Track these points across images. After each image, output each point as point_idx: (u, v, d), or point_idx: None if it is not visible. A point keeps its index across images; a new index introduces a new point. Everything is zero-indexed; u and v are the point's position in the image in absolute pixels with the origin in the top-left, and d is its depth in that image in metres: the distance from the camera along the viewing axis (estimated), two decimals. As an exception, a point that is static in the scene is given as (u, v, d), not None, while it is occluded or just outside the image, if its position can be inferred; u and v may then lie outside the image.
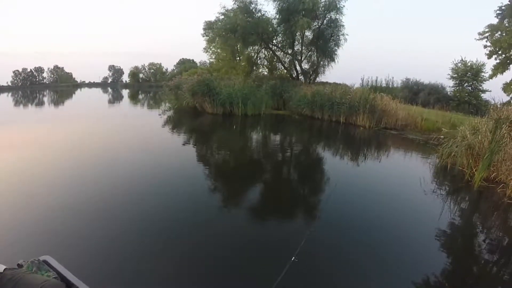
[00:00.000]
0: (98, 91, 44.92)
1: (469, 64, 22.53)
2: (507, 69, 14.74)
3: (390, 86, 19.40)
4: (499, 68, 14.95)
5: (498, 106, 10.16)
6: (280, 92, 17.14)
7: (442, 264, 4.46)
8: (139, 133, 12.55)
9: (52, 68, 54.10)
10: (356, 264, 4.36)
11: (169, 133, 12.68)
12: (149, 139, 11.27)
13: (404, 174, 9.41)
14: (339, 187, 7.50)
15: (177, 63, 41.48)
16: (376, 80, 20.18)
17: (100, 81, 53.43)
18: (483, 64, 21.86)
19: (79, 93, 40.18)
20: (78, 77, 56.87)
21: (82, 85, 55.70)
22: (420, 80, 22.54)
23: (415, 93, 20.31)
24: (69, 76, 56.09)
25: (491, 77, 15.44)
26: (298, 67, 21.35)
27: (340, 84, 17.74)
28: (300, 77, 21.38)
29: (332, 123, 15.48)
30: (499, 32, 16.53)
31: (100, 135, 11.78)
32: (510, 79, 14.72)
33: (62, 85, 52.83)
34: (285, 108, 17.44)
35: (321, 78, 21.84)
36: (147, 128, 13.88)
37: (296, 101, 16.30)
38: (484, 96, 23.63)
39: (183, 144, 10.34)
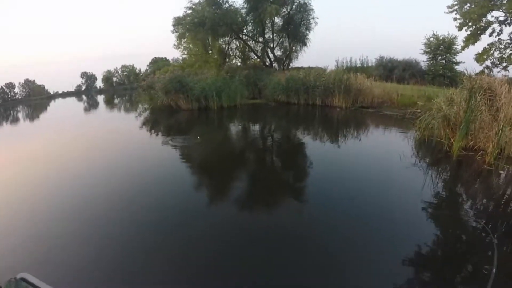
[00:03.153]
0: (72, 100, 43.54)
1: (441, 38, 22.73)
2: (479, 39, 14.92)
3: (365, 65, 19.37)
4: (471, 39, 15.12)
5: (471, 76, 10.27)
6: (254, 81, 16.88)
7: (429, 233, 4.49)
8: (117, 137, 12.09)
9: (23, 82, 52.06)
10: (347, 237, 4.43)
11: (147, 134, 12.27)
12: (128, 142, 10.91)
13: (385, 150, 9.42)
14: (322, 168, 7.58)
15: (150, 63, 40.58)
16: (351, 61, 20.16)
17: (73, 90, 51.73)
18: (455, 37, 22.06)
19: (53, 105, 38.84)
20: (51, 88, 54.91)
21: (56, 96, 53.73)
22: (394, 57, 22.60)
23: (390, 70, 20.30)
24: (41, 88, 54.07)
25: (463, 48, 15.63)
26: (270, 55, 21.17)
27: (314, 67, 17.54)
28: (273, 65, 21.20)
29: (308, 107, 15.40)
30: (468, 4, 16.64)
31: (78, 144, 11.27)
32: (482, 49, 14.80)
33: (35, 99, 50.87)
34: (261, 96, 17.22)
35: (295, 63, 21.74)
36: (125, 132, 13.36)
37: (271, 89, 16.10)
38: (458, 68, 23.96)
39: (162, 144, 9.97)
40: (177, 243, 4.38)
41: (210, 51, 20.59)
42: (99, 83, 45.04)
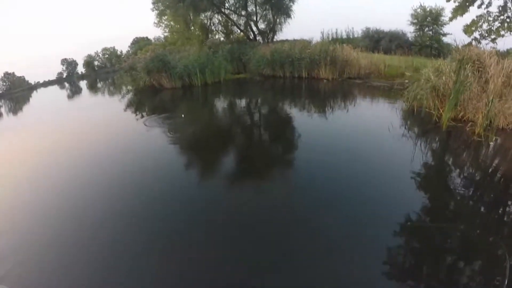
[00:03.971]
0: (54, 89, 42.14)
1: (428, 9, 22.55)
2: (467, 11, 14.58)
3: (351, 36, 18.98)
4: (459, 11, 14.72)
5: (460, 47, 10.12)
6: (239, 55, 16.38)
7: (420, 203, 4.48)
8: (101, 122, 11.52)
9: (3, 75, 49.97)
10: (336, 208, 4.41)
11: (132, 116, 11.70)
12: (111, 126, 10.47)
13: (373, 121, 9.29)
14: (311, 141, 7.38)
15: (132, 43, 39.25)
16: (336, 32, 19.73)
17: (55, 78, 49.94)
18: (442, 9, 21.95)
19: (36, 96, 37.52)
20: (32, 78, 52.81)
21: (37, 86, 51.76)
22: (380, 28, 22.30)
23: (377, 41, 20.08)
24: (21, 80, 51.98)
25: (451, 19, 15.21)
26: (254, 28, 20.41)
27: (299, 40, 17.09)
28: (257, 38, 20.55)
29: (294, 79, 15.10)
30: (456, -25, 16.23)
31: (64, 130, 10.79)
32: (470, 20, 14.55)
33: (16, 91, 48.92)
34: (246, 71, 16.79)
35: (279, 36, 21.09)
36: (108, 116, 12.84)
37: (256, 62, 15.67)
38: (445, 39, 23.95)
39: (149, 124, 9.53)
40: (163, 222, 4.29)
41: (192, 28, 19.87)
42: (80, 69, 43.47)
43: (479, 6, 14.53)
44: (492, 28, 14.33)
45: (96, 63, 40.17)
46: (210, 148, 7.50)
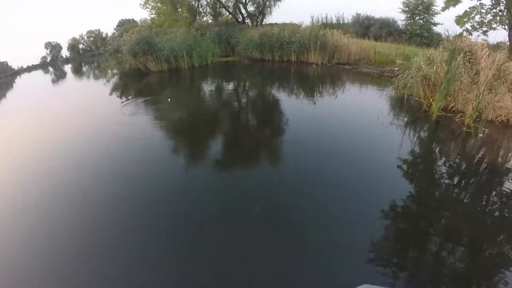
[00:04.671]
0: (39, 73, 40.72)
1: None
2: (460, 2, 14.55)
3: (341, 22, 18.69)
4: (452, 1, 14.71)
5: (451, 38, 10.11)
6: (227, 38, 15.98)
7: (406, 189, 4.57)
8: (86, 106, 10.84)
9: (-16, 62, 47.97)
10: (322, 192, 4.43)
11: (117, 100, 11.06)
12: (99, 110, 9.91)
13: (362, 107, 9.25)
14: (298, 126, 7.37)
15: (117, 26, 37.89)
16: (326, 17, 19.39)
17: (39, 62, 48.20)
18: None
19: (19, 82, 36.22)
20: (15, 64, 50.82)
21: (21, 71, 49.91)
22: (370, 14, 22.07)
23: (367, 27, 19.90)
24: (4, 65, 50.00)
25: (443, 9, 15.20)
26: (243, 10, 19.88)
27: (288, 24, 16.75)
28: (246, 21, 20.02)
29: (283, 63, 14.89)
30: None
31: (47, 116, 10.15)
32: (463, 12, 14.57)
33: None
34: (234, 54, 16.42)
35: (269, 19, 20.64)
36: (95, 100, 12.12)
37: (244, 46, 15.33)
38: (436, 28, 23.95)
39: (134, 109, 9.14)
40: (153, 206, 4.25)
41: (179, 9, 19.23)
42: (65, 52, 41.94)
43: None
44: (484, 20, 14.32)
45: (81, 46, 38.77)
46: (197, 132, 7.32)
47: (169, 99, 10.09)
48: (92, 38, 38.16)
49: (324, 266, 3.15)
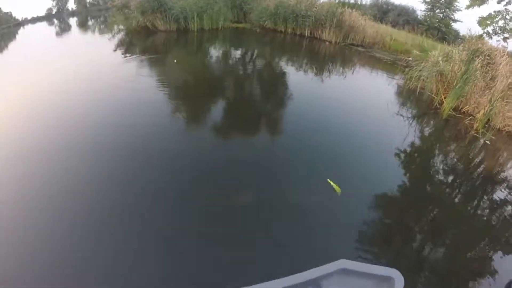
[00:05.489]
0: (43, 25, 39.63)
1: None
2: (486, 3, 14.10)
3: (359, 2, 18.05)
4: (477, 1, 14.26)
5: (472, 38, 9.96)
6: (240, 3, 15.34)
7: (398, 180, 4.63)
8: (90, 62, 10.17)
9: (-14, 11, 46.44)
10: (318, 173, 4.33)
11: (121, 58, 10.40)
12: (100, 67, 9.27)
13: (371, 93, 9.11)
14: (303, 103, 7.17)
15: (128, -20, 37.02)
16: (345, -5, 18.68)
17: (44, 14, 46.90)
18: None
19: (22, 32, 35.17)
20: (19, 15, 49.33)
21: (25, 22, 48.60)
22: (390, 0, 21.46)
23: (384, 12, 19.40)
24: (8, 16, 48.58)
25: (468, 7, 14.79)
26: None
27: (306, -4, 16.13)
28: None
29: (296, 37, 14.43)
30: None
31: (47, 70, 9.43)
32: (487, 14, 14.14)
33: (2, 27, 45.69)
34: (246, 21, 15.83)
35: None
36: (98, 56, 11.53)
37: (258, 13, 14.74)
38: (454, 25, 23.42)
39: (138, 68, 8.75)
40: (152, 170, 4.10)
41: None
42: (71, 5, 40.74)
43: (499, 2, 14.07)
44: (507, 26, 13.95)
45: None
46: (199, 97, 7.08)
47: (175, 61, 9.73)
48: (100, -8, 36.94)
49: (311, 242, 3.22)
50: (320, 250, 3.03)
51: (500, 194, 4.86)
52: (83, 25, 30.49)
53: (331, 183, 4.02)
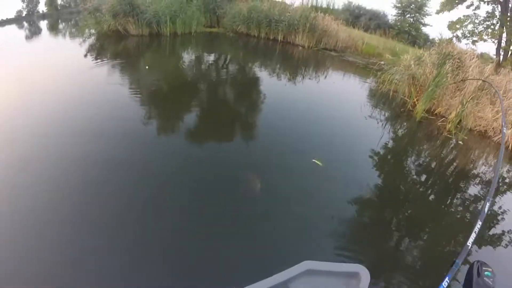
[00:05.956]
0: (12, 28, 37.96)
1: None
2: (456, 8, 14.85)
3: (331, 7, 18.43)
4: (447, 6, 15.05)
5: (442, 42, 10.35)
6: (214, 7, 15.25)
7: (376, 182, 4.75)
8: (59, 68, 9.65)
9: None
10: (292, 176, 4.36)
11: (91, 63, 9.90)
12: (71, 74, 8.68)
13: (344, 97, 9.26)
14: (276, 107, 7.19)
15: (100, -16, 36.11)
16: (317, 0, 19.00)
17: (14, 16, 45.05)
18: (428, 0, 22.24)
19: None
20: (-13, 16, 47.12)
21: (-8, 24, 46.45)
22: (362, 5, 22.08)
23: (356, 16, 19.93)
24: (-27, 17, 46.29)
25: (438, 12, 15.55)
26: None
27: (278, 1, 16.25)
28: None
29: (269, 41, 14.51)
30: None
31: (15, 74, 9.02)
32: (456, 18, 15.00)
33: None
34: (219, 25, 15.76)
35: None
36: (68, 62, 11.08)
37: (231, 18, 14.73)
38: (424, 29, 24.39)
39: (108, 74, 8.44)
40: (124, 176, 3.96)
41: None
42: (42, 7, 39.30)
43: (468, 7, 14.80)
44: (476, 30, 14.65)
45: (59, 1, 36.31)
46: (172, 104, 6.94)
47: (147, 66, 9.50)
48: (72, -6, 35.88)
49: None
50: (291, 252, 3.05)
51: (472, 190, 5.10)
52: (53, 29, 29.44)
53: (316, 161, 4.32)
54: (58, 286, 2.48)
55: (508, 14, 13.43)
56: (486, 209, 2.89)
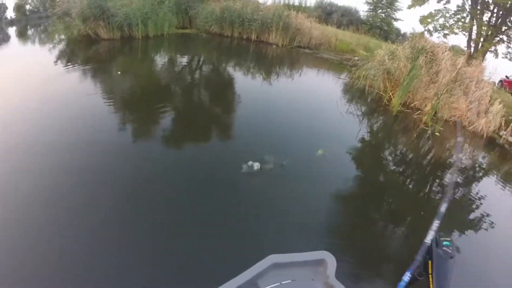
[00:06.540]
0: (-23, 35, 36.22)
1: None
2: (427, 2, 15.36)
3: (303, 5, 18.62)
4: (419, 1, 15.48)
5: (414, 36, 10.57)
6: (186, 8, 15.08)
7: (352, 173, 4.91)
8: (27, 76, 8.99)
9: None
10: (278, 178, 4.31)
11: (62, 69, 9.55)
12: (40, 81, 8.24)
13: (321, 94, 9.35)
14: (252, 106, 7.19)
15: (69, -13, 35.02)
16: (289, -2, 19.13)
17: (-21, 23, 42.99)
18: None
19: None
20: (-48, 23, 44.74)
21: (-42, 32, 44.16)
22: (334, 1, 22.42)
23: (329, 13, 20.23)
24: None
25: (409, 7, 16.04)
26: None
27: (251, 0, 16.27)
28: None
29: (242, 41, 14.55)
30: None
31: None
32: (428, 13, 15.70)
33: None
34: (192, 26, 15.62)
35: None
36: (37, 69, 10.53)
37: (204, 18, 14.64)
38: (396, 24, 25.04)
39: (79, 80, 8.15)
40: (96, 182, 3.85)
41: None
42: (10, 13, 37.79)
43: (439, 1, 15.34)
44: (447, 24, 15.20)
45: (28, 7, 35.04)
46: (146, 109, 6.76)
47: (119, 72, 9.29)
48: (40, -1, 34.66)
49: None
50: (274, 243, 3.10)
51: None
52: (22, 35, 28.32)
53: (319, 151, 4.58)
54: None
55: (478, 8, 14.00)
56: (443, 209, 3.08)
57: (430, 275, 1.81)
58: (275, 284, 1.30)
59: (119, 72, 9.33)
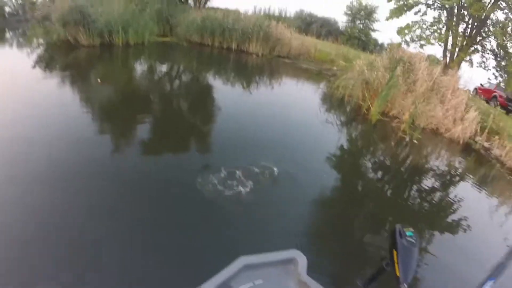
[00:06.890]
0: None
1: (364, 4, 24.11)
2: (404, 14, 16.06)
3: (283, 15, 19.05)
4: (396, 13, 16.23)
5: (392, 47, 10.92)
6: (167, 16, 15.22)
7: (336, 183, 4.97)
8: (2, 81, 9.16)
9: None
10: (258, 186, 4.25)
11: (40, 75, 9.27)
12: (16, 87, 7.92)
13: (300, 103, 9.47)
14: (232, 116, 7.20)
15: (50, -9, 34.33)
16: (269, 9, 19.55)
17: (-45, 25, 41.35)
18: (377, 7, 23.80)
19: None
20: None
21: None
22: (313, 12, 23.13)
23: (308, 24, 20.83)
24: None
25: (387, 19, 16.71)
26: (187, -11, 19.05)
27: (232, 10, 16.59)
28: (189, 1, 19.39)
29: (223, 50, 14.77)
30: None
31: None
32: (405, 24, 16.38)
33: None
34: (172, 34, 15.76)
35: (212, 3, 20.09)
36: (14, 74, 10.28)
37: (185, 27, 14.84)
38: (374, 34, 26.00)
39: (59, 87, 7.96)
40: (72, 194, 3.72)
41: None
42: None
43: (416, 13, 16.07)
44: (423, 35, 15.89)
45: (7, 9, 34.11)
46: (125, 118, 6.67)
47: (98, 80, 9.26)
48: (20, 1, 33.79)
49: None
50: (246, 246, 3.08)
51: (428, 182, 5.59)
52: (-1, 38, 27.64)
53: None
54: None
55: (454, 19, 14.73)
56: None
57: (396, 264, 1.91)
58: (248, 284, 1.28)
59: (98, 80, 9.31)
